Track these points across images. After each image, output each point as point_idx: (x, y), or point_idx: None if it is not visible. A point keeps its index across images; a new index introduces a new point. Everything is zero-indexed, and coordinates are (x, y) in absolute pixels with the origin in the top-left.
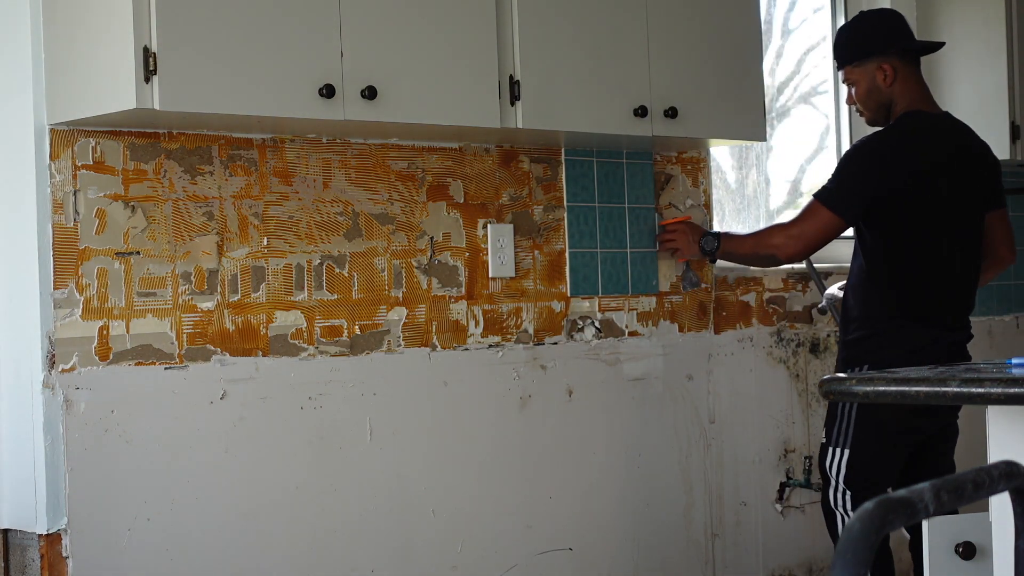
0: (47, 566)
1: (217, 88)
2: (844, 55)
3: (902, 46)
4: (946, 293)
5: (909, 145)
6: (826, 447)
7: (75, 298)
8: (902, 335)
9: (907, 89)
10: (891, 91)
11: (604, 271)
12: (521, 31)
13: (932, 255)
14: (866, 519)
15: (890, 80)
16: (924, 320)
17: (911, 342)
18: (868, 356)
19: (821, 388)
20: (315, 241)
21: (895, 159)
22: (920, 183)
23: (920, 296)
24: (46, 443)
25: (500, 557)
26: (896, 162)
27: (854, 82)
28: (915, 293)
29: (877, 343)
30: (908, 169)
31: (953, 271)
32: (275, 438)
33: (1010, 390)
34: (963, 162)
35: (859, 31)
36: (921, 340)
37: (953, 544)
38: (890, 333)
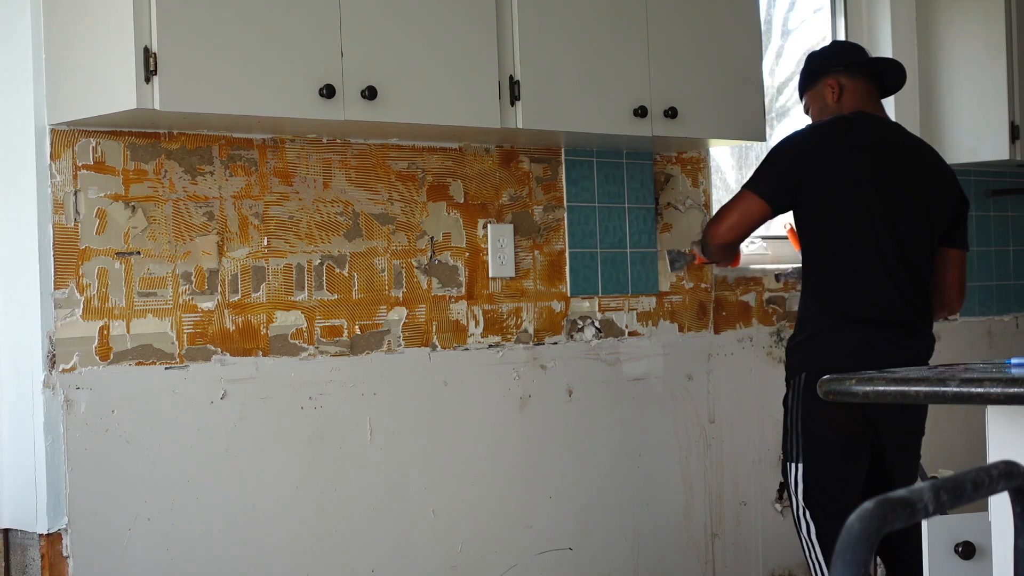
0: (47, 566)
1: (217, 88)
2: (801, 85)
3: (846, 62)
4: (886, 293)
5: (839, 133)
6: (784, 462)
7: (76, 298)
8: (837, 336)
9: (855, 103)
10: (839, 107)
11: (604, 271)
12: (521, 31)
13: (867, 250)
14: (866, 519)
15: (837, 95)
16: (860, 320)
17: (848, 344)
18: (806, 363)
19: (821, 388)
20: (315, 241)
21: (820, 144)
22: (849, 171)
23: (854, 293)
24: (47, 443)
25: (500, 557)
26: (821, 146)
27: (810, 106)
28: (848, 290)
29: (813, 348)
30: (835, 154)
31: (894, 273)
32: (275, 438)
33: (1010, 390)
34: (912, 171)
35: (811, 60)
36: (857, 341)
37: (953, 544)
38: (824, 335)
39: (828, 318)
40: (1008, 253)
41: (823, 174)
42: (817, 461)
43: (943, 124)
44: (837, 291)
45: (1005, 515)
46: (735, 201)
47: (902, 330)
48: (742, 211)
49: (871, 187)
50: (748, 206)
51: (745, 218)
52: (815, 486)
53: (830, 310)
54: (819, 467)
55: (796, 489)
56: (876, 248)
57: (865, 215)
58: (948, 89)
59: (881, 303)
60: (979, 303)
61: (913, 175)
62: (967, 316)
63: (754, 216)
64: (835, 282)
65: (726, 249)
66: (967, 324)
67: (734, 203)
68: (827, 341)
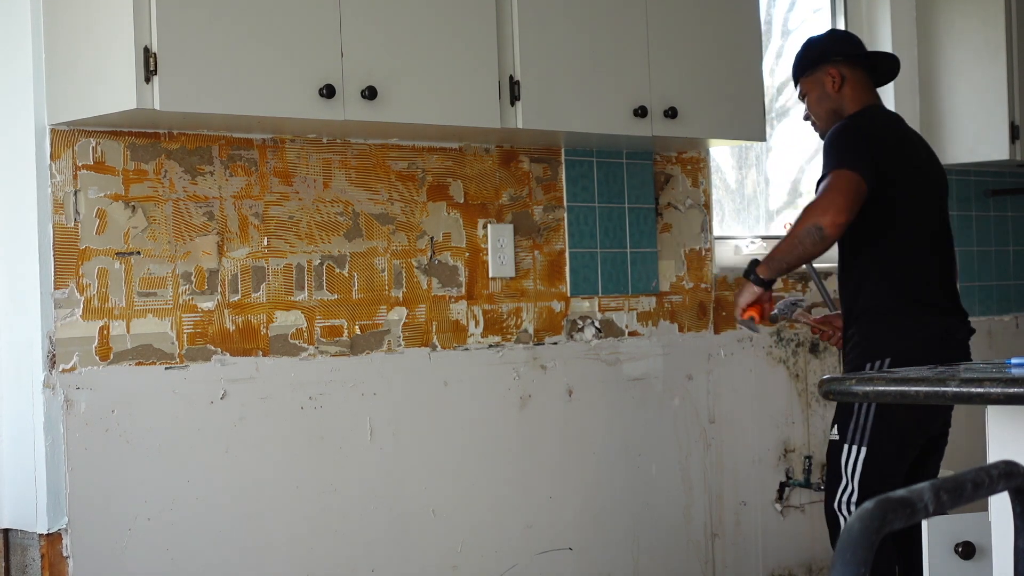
0: (47, 566)
1: (217, 88)
2: (797, 70)
3: (847, 52)
4: (946, 280)
5: (882, 124)
6: (839, 444)
7: (76, 298)
8: (919, 323)
9: (857, 95)
10: (840, 96)
11: (604, 271)
12: (521, 31)
13: (925, 237)
14: (866, 519)
15: (838, 85)
16: (934, 306)
17: (930, 330)
18: (890, 347)
19: (821, 388)
20: (315, 241)
21: (876, 132)
22: (899, 161)
23: (923, 279)
24: (47, 443)
25: (500, 557)
26: (877, 134)
27: (806, 93)
28: (918, 275)
29: (896, 332)
30: (888, 143)
31: (944, 261)
32: (275, 438)
33: (1010, 390)
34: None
35: (809, 47)
36: (938, 327)
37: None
38: (904, 320)
39: (901, 302)
40: (1008, 253)
41: (892, 160)
42: (883, 449)
43: (943, 124)
44: (908, 276)
45: (1005, 515)
46: (840, 183)
47: (962, 315)
48: (855, 191)
49: (921, 176)
50: (860, 188)
51: (856, 198)
52: (875, 474)
53: (903, 294)
54: (883, 456)
55: (852, 472)
56: (929, 236)
57: (921, 204)
58: (948, 89)
59: (945, 290)
60: (979, 303)
61: (933, 168)
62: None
63: (861, 198)
64: (906, 266)
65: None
66: None
67: (840, 184)
68: (909, 327)
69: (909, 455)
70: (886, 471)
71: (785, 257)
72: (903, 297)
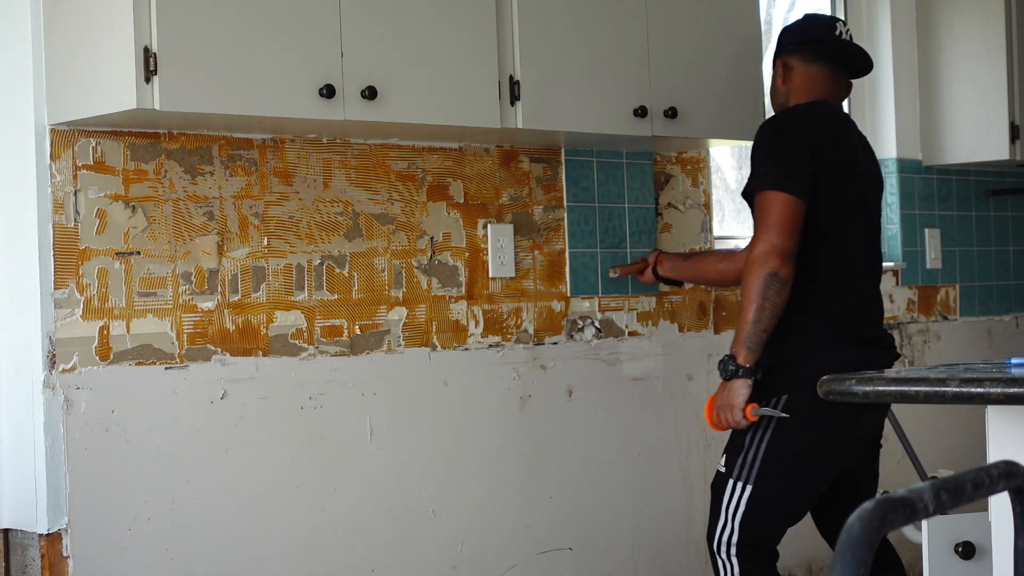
0: (47, 566)
1: (217, 88)
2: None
3: (796, 41)
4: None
5: (819, 117)
6: (724, 478)
7: (76, 298)
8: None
9: (805, 88)
10: (786, 89)
11: (604, 271)
12: (521, 31)
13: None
14: (866, 519)
15: (784, 79)
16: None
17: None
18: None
19: (820, 388)
20: (315, 241)
21: (806, 132)
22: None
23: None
24: (47, 443)
25: (500, 557)
26: (809, 135)
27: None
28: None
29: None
30: (823, 138)
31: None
32: (275, 438)
33: (1010, 390)
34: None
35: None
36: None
37: (953, 544)
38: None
39: (818, 334)
40: (1008, 253)
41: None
42: (771, 491)
43: (943, 124)
44: (824, 309)
45: (1005, 515)
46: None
47: (883, 343)
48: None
49: (852, 186)
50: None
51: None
52: (759, 517)
53: (820, 324)
54: (770, 498)
55: (734, 512)
56: (860, 259)
57: (847, 217)
58: (948, 89)
59: (870, 319)
60: (979, 303)
61: (867, 172)
62: (967, 316)
63: (802, 217)
64: (823, 300)
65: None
66: (967, 324)
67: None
68: (817, 360)
69: (804, 499)
70: (773, 514)
71: (758, 326)
72: (814, 328)
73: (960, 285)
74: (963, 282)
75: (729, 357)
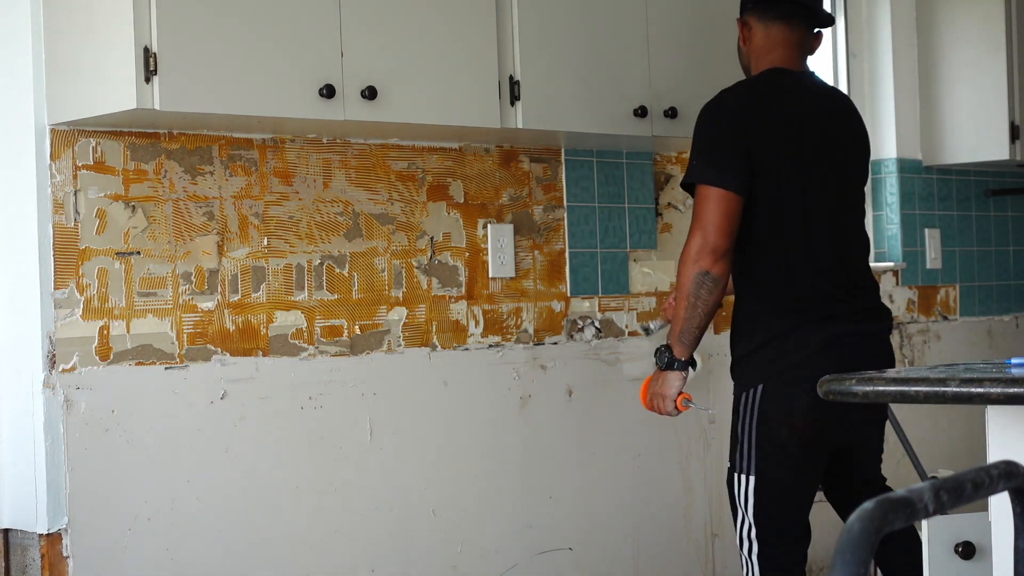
0: (47, 566)
1: (217, 88)
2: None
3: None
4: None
5: (760, 97)
6: (730, 472)
7: (75, 298)
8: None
9: (764, 49)
10: (748, 51)
11: (604, 271)
12: (521, 31)
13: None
14: (866, 519)
15: (745, 39)
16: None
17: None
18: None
19: (820, 388)
20: (315, 241)
21: (746, 111)
22: (781, 147)
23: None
24: (47, 443)
25: (500, 557)
26: (747, 114)
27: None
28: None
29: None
30: (761, 123)
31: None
32: (275, 438)
33: (1010, 390)
34: (836, 132)
35: None
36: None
37: (953, 544)
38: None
39: (782, 319)
40: (1008, 253)
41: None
42: (772, 475)
43: (943, 124)
44: (784, 288)
45: (1005, 515)
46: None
47: (861, 316)
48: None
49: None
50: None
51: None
52: (769, 503)
53: (782, 310)
54: (774, 483)
55: (746, 504)
56: (816, 231)
57: (799, 193)
58: (948, 89)
59: (835, 293)
60: (979, 303)
61: (838, 137)
62: (967, 316)
63: (736, 215)
64: (780, 280)
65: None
66: (967, 324)
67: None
68: (784, 346)
69: (807, 478)
70: (782, 498)
71: (691, 323)
72: (774, 310)
73: (960, 285)
74: (963, 282)
75: (666, 347)
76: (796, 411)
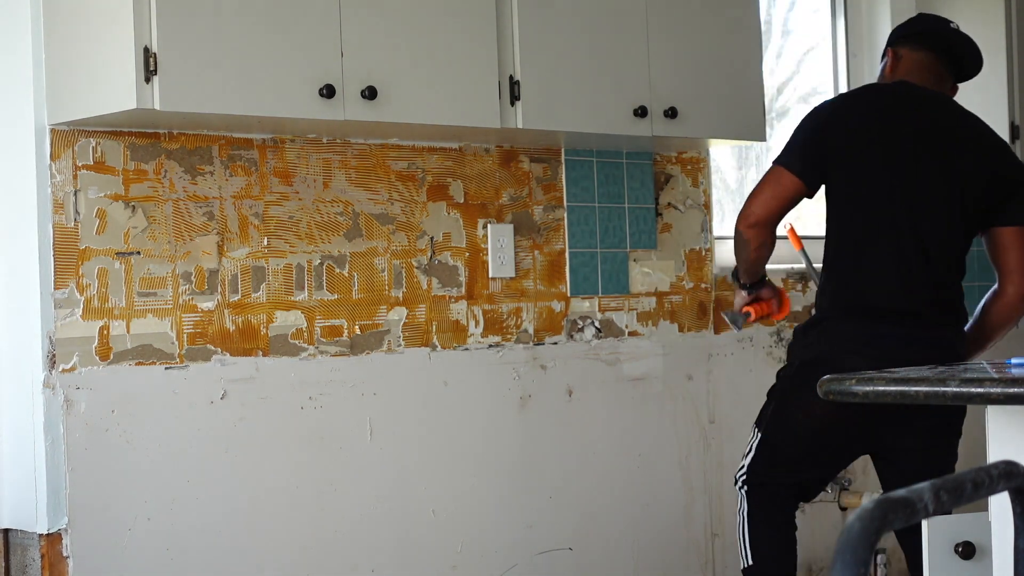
0: (47, 566)
1: (217, 88)
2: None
3: (909, 32)
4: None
5: (857, 104)
6: (753, 424)
7: (75, 298)
8: (837, 327)
9: (908, 72)
10: (893, 77)
11: (604, 271)
12: (521, 31)
13: (881, 234)
14: (866, 519)
15: (892, 67)
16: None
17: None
18: (802, 352)
19: (821, 388)
20: (315, 241)
21: (845, 115)
22: (870, 146)
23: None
24: (46, 443)
25: (500, 557)
26: (847, 118)
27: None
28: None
29: (812, 337)
30: (859, 127)
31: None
32: (275, 438)
33: (1010, 390)
34: (946, 146)
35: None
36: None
37: (953, 544)
38: (826, 324)
39: (834, 306)
40: None
41: (846, 148)
42: (775, 439)
43: None
44: (846, 277)
45: (1005, 515)
46: (765, 178)
47: (912, 321)
48: (774, 186)
49: (892, 164)
50: (782, 182)
51: (780, 192)
52: (763, 460)
53: (837, 298)
54: (774, 445)
55: (748, 452)
56: (891, 233)
57: (882, 195)
58: None
59: (889, 292)
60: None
61: (946, 151)
62: None
63: (789, 196)
64: (846, 268)
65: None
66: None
67: (764, 180)
68: (827, 331)
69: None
70: (775, 460)
71: (737, 262)
72: (829, 301)
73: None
74: (963, 282)
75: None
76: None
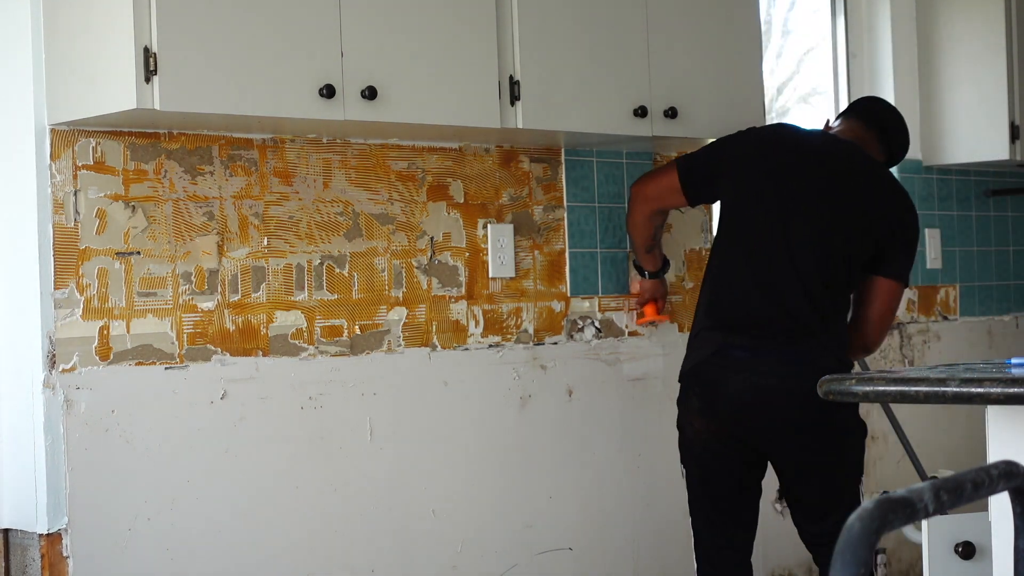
0: (47, 566)
1: (217, 88)
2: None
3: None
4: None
5: (762, 133)
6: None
7: (75, 298)
8: (699, 341)
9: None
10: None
11: (604, 271)
12: (521, 31)
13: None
14: (866, 519)
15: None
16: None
17: (704, 348)
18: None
19: (820, 388)
20: (315, 241)
21: (737, 141)
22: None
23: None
24: (46, 443)
25: (500, 557)
26: (733, 142)
27: None
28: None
29: (688, 351)
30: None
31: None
32: (275, 438)
33: (1010, 390)
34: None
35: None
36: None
37: (953, 544)
38: (691, 339)
39: (699, 322)
40: (1008, 253)
41: (736, 171)
42: (688, 471)
43: (943, 124)
44: (711, 295)
45: (1005, 515)
46: (665, 168)
47: (767, 334)
48: (662, 183)
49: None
50: (666, 179)
51: (660, 189)
52: (690, 493)
53: (703, 314)
54: (689, 478)
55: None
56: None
57: (759, 220)
58: (948, 89)
59: (747, 309)
60: (979, 303)
61: (836, 194)
62: (967, 316)
63: (667, 194)
64: (712, 287)
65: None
66: (967, 324)
67: (664, 169)
68: (691, 345)
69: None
70: (692, 494)
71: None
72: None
73: (960, 285)
74: (963, 282)
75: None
76: (687, 412)
